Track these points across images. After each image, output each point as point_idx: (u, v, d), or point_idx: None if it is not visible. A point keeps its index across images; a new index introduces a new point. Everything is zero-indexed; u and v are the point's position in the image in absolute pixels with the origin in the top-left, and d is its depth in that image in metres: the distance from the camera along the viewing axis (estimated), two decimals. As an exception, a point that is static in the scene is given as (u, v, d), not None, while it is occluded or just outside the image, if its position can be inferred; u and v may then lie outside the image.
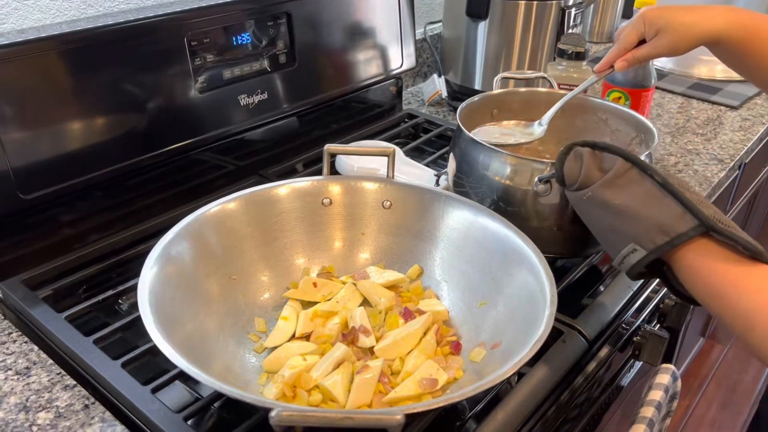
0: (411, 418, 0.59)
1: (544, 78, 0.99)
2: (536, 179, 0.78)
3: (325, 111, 1.14)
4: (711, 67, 1.62)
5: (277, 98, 1.02)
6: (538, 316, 0.62)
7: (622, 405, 1.03)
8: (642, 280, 0.88)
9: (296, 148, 1.11)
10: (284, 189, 0.78)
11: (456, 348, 0.70)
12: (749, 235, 0.60)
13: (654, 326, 0.97)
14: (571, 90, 0.93)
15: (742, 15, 0.79)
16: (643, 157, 0.81)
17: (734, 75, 1.61)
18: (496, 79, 0.96)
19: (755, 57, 0.79)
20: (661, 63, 1.66)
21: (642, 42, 0.85)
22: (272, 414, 0.48)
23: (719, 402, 2.00)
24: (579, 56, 1.18)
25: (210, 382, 0.52)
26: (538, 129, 0.92)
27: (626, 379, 0.99)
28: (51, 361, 0.72)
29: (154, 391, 0.66)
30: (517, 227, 0.73)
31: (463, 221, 0.77)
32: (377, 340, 0.70)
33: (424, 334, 0.71)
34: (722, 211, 1.44)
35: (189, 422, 0.63)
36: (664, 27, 0.78)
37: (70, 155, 0.80)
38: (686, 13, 0.79)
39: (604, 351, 0.80)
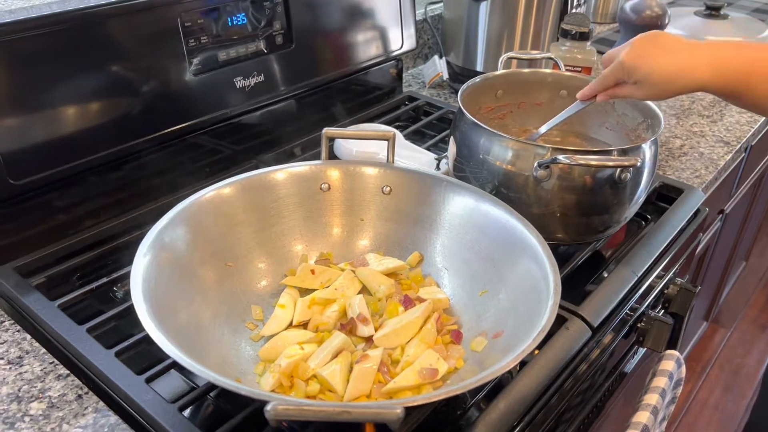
0: (411, 409, 0.58)
1: (550, 59, 0.97)
2: (536, 164, 0.76)
3: (323, 94, 1.12)
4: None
5: (274, 81, 1.00)
6: (542, 305, 0.60)
7: (625, 391, 1.02)
8: (646, 267, 0.86)
9: (294, 132, 1.09)
10: (281, 174, 0.76)
11: (457, 337, 0.68)
12: (754, 220, 0.58)
13: (658, 312, 0.96)
14: (581, 72, 0.90)
15: (732, 62, 0.69)
16: (649, 143, 0.80)
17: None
18: (501, 59, 0.94)
19: (745, 101, 0.72)
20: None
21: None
22: (267, 408, 0.46)
23: (722, 386, 2.00)
24: (583, 36, 1.16)
25: (204, 373, 0.51)
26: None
27: (630, 366, 0.98)
28: (44, 350, 0.70)
29: (149, 380, 0.65)
30: (519, 214, 0.71)
31: (465, 207, 0.75)
32: (376, 328, 0.69)
33: (425, 322, 0.69)
34: (727, 194, 1.42)
35: (184, 412, 0.62)
36: (642, 79, 0.72)
37: (62, 140, 0.78)
38: (669, 61, 0.71)
39: (608, 338, 0.79)
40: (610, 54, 0.78)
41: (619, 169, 0.77)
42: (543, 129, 0.88)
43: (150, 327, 0.55)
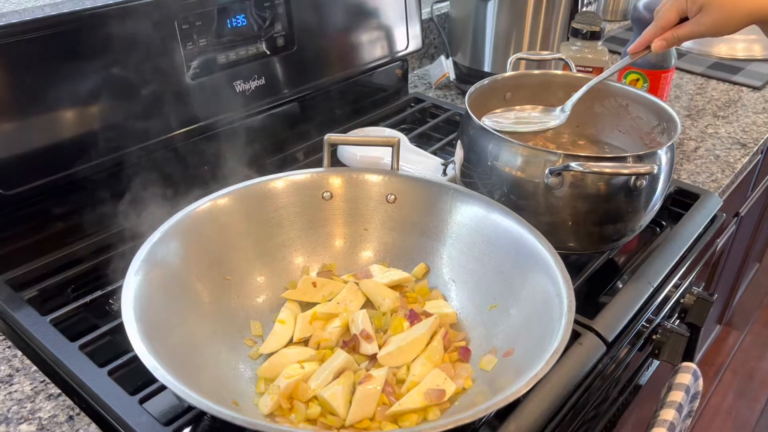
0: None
1: (560, 59, 0.93)
2: (547, 171, 0.73)
3: (326, 96, 1.09)
4: (731, 46, 1.55)
5: (276, 84, 0.97)
6: (555, 323, 0.57)
7: (639, 403, 0.98)
8: (662, 277, 0.83)
9: (296, 137, 1.06)
10: (281, 182, 0.73)
11: (465, 354, 0.65)
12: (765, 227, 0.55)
13: (674, 322, 0.93)
14: (592, 73, 0.87)
15: None
16: (665, 148, 0.77)
17: (756, 53, 1.54)
18: (510, 60, 0.91)
19: None
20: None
21: (684, 19, 0.75)
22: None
23: (736, 390, 1.96)
24: (594, 36, 1.12)
25: (196, 401, 0.48)
26: (561, 115, 0.86)
27: (644, 378, 0.95)
28: (35, 368, 0.68)
29: (143, 401, 0.62)
30: (530, 223, 0.68)
31: (473, 217, 0.72)
32: (380, 345, 0.66)
33: (431, 339, 0.66)
34: (742, 196, 1.38)
35: (178, 435, 0.59)
36: (708, 2, 0.68)
37: (54, 148, 0.76)
38: None
39: (623, 352, 0.76)
40: (663, 2, 0.74)
41: (634, 177, 0.74)
42: (574, 97, 0.84)
43: (141, 350, 0.52)
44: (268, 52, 0.95)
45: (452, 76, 1.34)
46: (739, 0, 0.67)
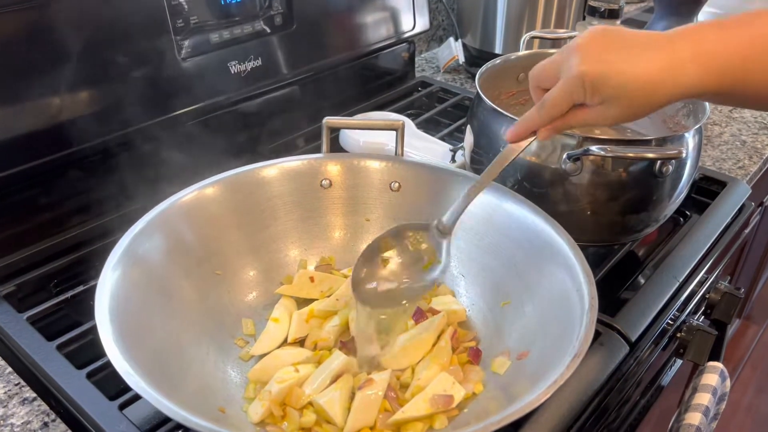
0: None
1: (576, 38, 0.87)
2: (565, 156, 0.68)
3: (328, 79, 1.03)
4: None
5: (273, 65, 0.92)
6: (574, 322, 0.52)
7: (659, 404, 0.93)
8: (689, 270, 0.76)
9: (296, 122, 1.00)
10: (273, 170, 0.68)
11: (475, 356, 0.60)
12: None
13: (699, 319, 0.87)
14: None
15: (717, 48, 0.51)
16: (692, 131, 0.70)
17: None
18: (523, 39, 0.85)
19: (745, 96, 0.53)
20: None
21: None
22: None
23: (755, 386, 1.89)
24: (612, 14, 1.06)
25: (171, 411, 0.43)
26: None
27: (667, 378, 0.89)
28: (10, 369, 0.63)
29: (123, 407, 0.57)
30: (546, 212, 0.62)
31: (484, 206, 0.66)
32: (382, 346, 0.60)
33: (438, 338, 0.61)
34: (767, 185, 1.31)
35: (161, 445, 0.54)
36: (613, 95, 0.51)
37: (36, 132, 0.70)
38: (647, 61, 0.51)
39: (647, 353, 0.70)
40: (540, 70, 0.56)
41: (659, 162, 0.68)
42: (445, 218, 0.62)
43: (113, 353, 0.47)
44: (266, 31, 0.89)
45: (461, 59, 1.28)
46: (654, 88, 0.51)
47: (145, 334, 0.53)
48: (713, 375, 0.82)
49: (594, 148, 0.65)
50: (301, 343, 0.62)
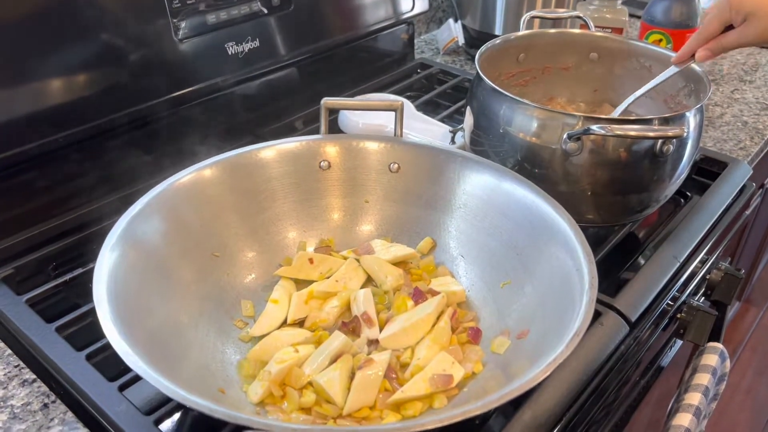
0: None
1: (578, 18, 0.86)
2: (565, 136, 0.67)
3: (326, 61, 1.02)
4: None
5: (272, 46, 0.91)
6: (575, 301, 0.52)
7: (658, 385, 0.93)
8: (689, 251, 0.76)
9: (294, 104, 1.00)
10: (271, 151, 0.67)
11: (475, 336, 0.60)
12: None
13: (699, 300, 0.86)
14: (611, 33, 0.80)
15: None
16: (693, 111, 0.70)
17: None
18: (523, 18, 0.84)
19: None
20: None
21: (730, 26, 0.71)
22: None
23: (755, 369, 1.90)
24: (614, -7, 1.05)
25: (170, 390, 0.43)
26: None
27: (666, 359, 0.89)
28: (9, 351, 0.63)
29: (122, 388, 0.57)
30: (546, 193, 0.62)
31: (484, 186, 0.66)
32: (382, 326, 0.60)
33: (438, 319, 0.61)
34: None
35: (161, 426, 0.54)
36: (752, 12, 0.64)
37: (34, 114, 0.70)
38: None
39: (647, 333, 0.70)
40: (709, 9, 0.70)
41: (660, 141, 0.68)
42: (622, 107, 0.79)
43: (112, 334, 0.47)
44: (263, 12, 0.88)
45: (461, 41, 1.27)
46: None
47: (144, 316, 0.53)
48: (713, 355, 0.82)
49: (595, 127, 0.65)
50: (300, 324, 0.62)
